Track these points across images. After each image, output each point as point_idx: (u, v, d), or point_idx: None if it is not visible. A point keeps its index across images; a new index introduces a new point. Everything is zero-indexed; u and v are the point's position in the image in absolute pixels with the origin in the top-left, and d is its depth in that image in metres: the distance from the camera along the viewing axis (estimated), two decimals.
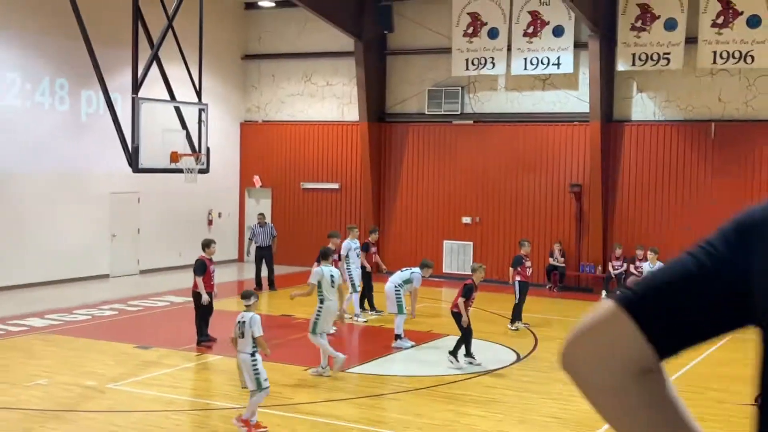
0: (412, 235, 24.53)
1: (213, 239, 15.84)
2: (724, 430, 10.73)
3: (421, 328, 16.42)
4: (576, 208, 22.53)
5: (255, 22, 26.97)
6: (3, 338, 15.25)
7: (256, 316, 10.34)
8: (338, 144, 25.87)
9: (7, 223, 20.14)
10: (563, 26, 22.11)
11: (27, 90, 20.54)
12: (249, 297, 10.67)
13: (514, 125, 23.26)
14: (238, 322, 10.20)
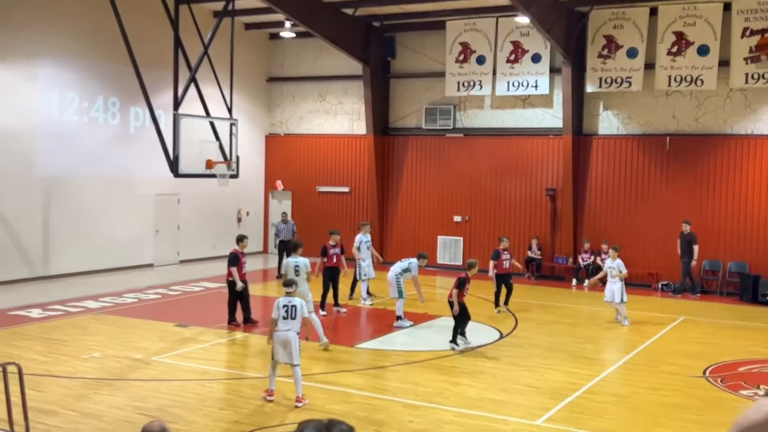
0: (411, 230, 24.50)
1: (246, 235, 15.72)
2: (677, 397, 10.72)
3: (417, 310, 16.41)
4: (551, 209, 22.48)
5: (278, 49, 26.94)
6: (64, 317, 15.23)
7: (302, 301, 10.26)
8: (348, 154, 25.84)
9: (69, 220, 20.14)
10: (540, 54, 22.06)
11: (84, 107, 20.52)
12: (291, 285, 10.50)
13: (498, 138, 23.22)
14: (283, 305, 10.01)
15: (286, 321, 9.95)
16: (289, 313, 9.97)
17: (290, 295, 10.22)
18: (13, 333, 13.74)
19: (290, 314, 9.96)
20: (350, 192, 25.74)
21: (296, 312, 9.98)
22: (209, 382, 10.99)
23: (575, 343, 14.11)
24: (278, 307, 10.05)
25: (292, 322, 9.97)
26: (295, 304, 10.05)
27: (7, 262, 18.62)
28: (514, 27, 22.20)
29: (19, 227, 18.89)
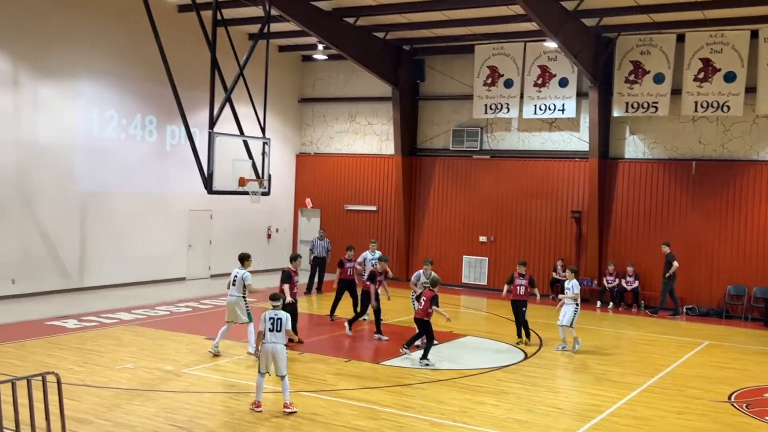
0: (437, 250, 24.48)
1: (299, 254, 15.54)
2: (702, 422, 10.58)
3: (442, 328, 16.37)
4: (576, 231, 22.37)
5: (310, 71, 27.21)
6: (98, 328, 15.41)
7: (288, 315, 10.37)
8: (376, 173, 25.96)
9: (106, 233, 20.42)
10: (568, 78, 22.07)
11: (123, 124, 20.86)
12: (278, 299, 10.61)
13: (524, 160, 23.20)
14: (269, 318, 10.15)
15: (273, 333, 10.12)
16: (275, 326, 10.13)
17: (276, 308, 10.35)
18: (49, 342, 13.93)
19: (276, 327, 10.13)
20: (377, 211, 25.82)
21: (281, 325, 10.13)
22: (237, 395, 11.05)
23: (600, 365, 13.99)
24: (264, 320, 10.21)
25: (278, 335, 10.13)
26: (281, 317, 10.17)
27: (46, 273, 18.92)
28: (542, 51, 22.25)
29: (58, 240, 19.20)
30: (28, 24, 18.11)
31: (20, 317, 16.09)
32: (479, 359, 14.14)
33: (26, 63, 18.18)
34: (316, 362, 13.30)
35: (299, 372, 12.53)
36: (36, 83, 18.48)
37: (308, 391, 10.80)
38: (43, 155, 18.71)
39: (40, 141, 18.61)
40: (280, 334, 10.16)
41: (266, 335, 10.15)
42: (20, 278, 18.29)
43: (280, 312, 10.29)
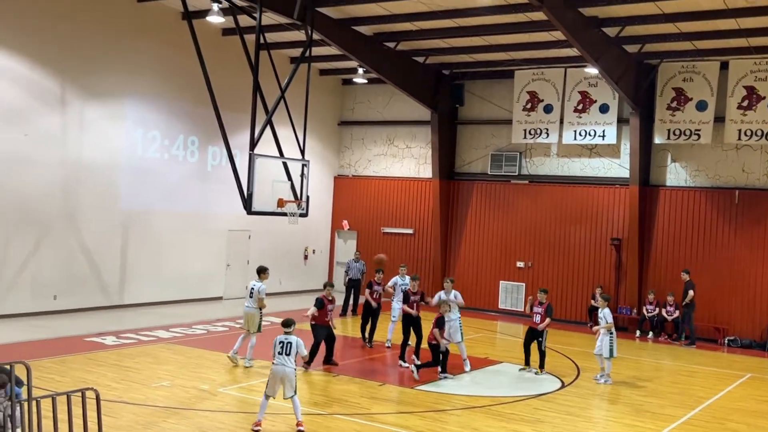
0: (473, 275, 24.38)
1: (331, 283, 15.51)
2: None
3: (478, 354, 16.27)
4: (615, 258, 22.11)
5: (350, 94, 27.47)
6: (136, 346, 15.61)
7: (300, 340, 10.64)
8: (414, 196, 26.00)
9: (146, 252, 20.72)
10: (609, 104, 21.94)
11: (165, 145, 21.23)
12: (290, 325, 10.82)
13: (563, 186, 23.06)
14: (279, 342, 10.48)
15: (281, 356, 10.40)
16: (284, 349, 10.42)
17: (289, 334, 10.60)
18: (88, 358, 14.13)
19: (285, 350, 10.42)
20: (414, 234, 25.83)
21: (291, 348, 10.44)
22: (271, 416, 11.07)
23: (638, 395, 13.74)
24: (275, 344, 10.53)
25: (287, 358, 10.40)
26: (291, 341, 10.49)
27: (87, 290, 19.24)
28: (582, 77, 22.17)
29: (100, 257, 19.54)
30: (75, 45, 18.59)
31: (61, 333, 16.36)
32: (515, 386, 13.99)
33: (73, 84, 18.65)
34: (351, 385, 13.29)
35: (334, 394, 12.54)
36: (82, 104, 18.93)
37: (343, 414, 10.77)
38: (88, 174, 19.11)
39: (85, 160, 19.03)
40: (289, 357, 10.42)
41: (275, 358, 10.42)
42: (62, 294, 18.63)
43: (290, 336, 10.56)
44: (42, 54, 17.82)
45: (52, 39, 18.02)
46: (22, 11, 17.31)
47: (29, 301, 17.97)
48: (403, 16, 18.88)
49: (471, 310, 23.58)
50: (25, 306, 17.82)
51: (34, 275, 17.99)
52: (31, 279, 17.95)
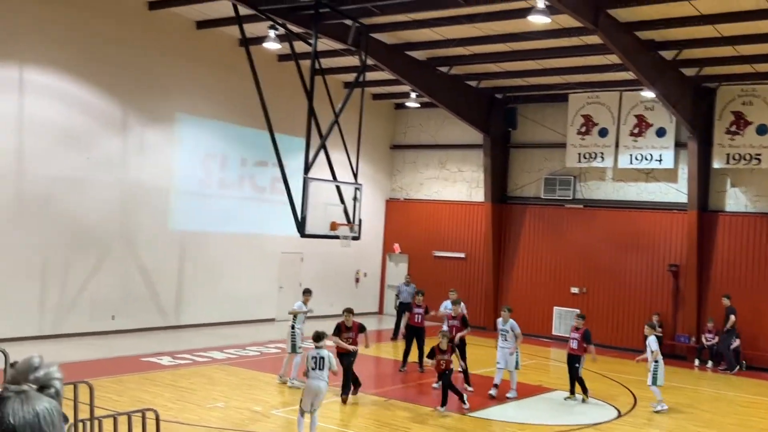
0: (526, 300, 24.12)
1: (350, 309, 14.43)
2: None
3: (531, 381, 16.07)
4: (673, 285, 21.65)
5: (402, 119, 27.64)
6: (191, 366, 15.84)
7: (331, 354, 10.96)
8: (466, 220, 25.93)
9: (201, 273, 21.07)
10: (665, 128, 21.63)
11: (221, 167, 21.59)
12: (321, 339, 11.04)
13: (619, 211, 22.73)
14: (312, 357, 10.72)
15: (315, 371, 10.65)
16: (317, 364, 10.67)
17: (320, 348, 10.87)
18: (144, 378, 14.39)
19: (318, 365, 10.67)
20: (466, 258, 25.72)
21: (324, 363, 10.66)
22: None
23: (696, 426, 13.39)
24: (309, 358, 10.80)
25: (321, 373, 10.65)
26: (324, 356, 10.73)
27: (144, 310, 19.63)
28: (638, 101, 21.92)
29: (156, 278, 19.95)
30: (137, 71, 19.14)
31: (118, 353, 16.71)
32: (568, 414, 13.77)
33: (134, 108, 19.18)
34: (402, 410, 13.25)
35: (383, 419, 12.52)
36: (142, 128, 19.45)
37: None
38: (146, 196, 19.58)
39: (144, 182, 19.51)
40: (323, 372, 10.64)
41: (309, 373, 10.65)
42: (120, 315, 19.04)
43: (322, 351, 10.83)
44: (105, 80, 18.40)
45: (115, 65, 18.59)
46: (87, 38, 17.92)
47: (88, 320, 18.41)
48: (457, 41, 18.98)
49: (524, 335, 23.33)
50: (84, 326, 18.26)
51: (93, 295, 18.45)
52: (91, 299, 18.41)
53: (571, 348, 14.79)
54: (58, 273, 17.76)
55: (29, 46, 16.79)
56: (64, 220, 17.76)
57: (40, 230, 17.28)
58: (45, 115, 17.22)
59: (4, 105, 16.46)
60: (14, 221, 16.79)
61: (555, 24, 16.62)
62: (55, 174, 17.50)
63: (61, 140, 17.57)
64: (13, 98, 16.65)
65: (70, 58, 17.63)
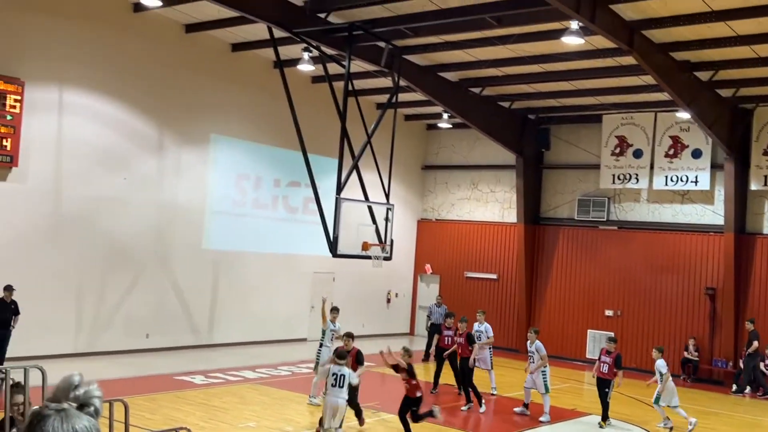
0: (560, 322, 23.89)
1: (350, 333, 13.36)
2: None
3: (565, 405, 15.86)
4: (710, 309, 21.29)
5: (434, 139, 27.68)
6: (223, 385, 15.91)
7: (351, 371, 11.11)
8: (498, 241, 25.81)
9: (234, 292, 21.21)
10: (701, 149, 21.38)
11: (254, 187, 21.80)
12: (344, 357, 11.16)
13: (654, 233, 22.47)
14: (334, 374, 10.82)
15: (334, 388, 10.76)
16: (337, 382, 10.78)
17: (341, 365, 11.00)
18: (177, 397, 14.49)
19: (338, 383, 10.78)
20: (498, 279, 25.57)
21: (344, 381, 10.78)
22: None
23: None
24: (329, 374, 10.93)
25: (341, 390, 10.77)
26: (344, 373, 10.84)
27: (178, 329, 19.80)
28: (673, 122, 21.72)
29: (190, 297, 20.13)
30: (173, 92, 19.46)
31: (152, 371, 16.85)
32: None
33: (170, 129, 19.48)
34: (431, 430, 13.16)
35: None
36: (178, 148, 19.73)
37: None
38: (180, 216, 19.82)
39: (179, 202, 19.76)
40: (342, 389, 10.71)
41: (328, 389, 10.73)
42: (153, 333, 19.23)
43: (344, 368, 10.86)
44: (142, 101, 18.73)
45: (152, 87, 18.92)
46: (125, 61, 18.28)
47: (123, 338, 18.62)
48: (489, 62, 19.02)
49: (557, 359, 23.07)
50: (118, 343, 18.47)
51: (128, 314, 18.66)
52: (125, 317, 18.62)
53: (601, 372, 14.48)
54: (94, 291, 18.02)
55: (68, 68, 17.18)
56: (101, 239, 18.03)
57: (77, 249, 17.57)
58: (83, 135, 17.56)
59: (44, 126, 16.83)
60: (52, 240, 17.10)
61: (589, 45, 16.60)
62: (93, 194, 17.81)
63: (98, 161, 17.90)
64: (52, 120, 17.02)
65: (108, 80, 17.99)
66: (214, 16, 18.14)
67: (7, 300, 15.22)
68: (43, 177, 16.90)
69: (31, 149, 16.54)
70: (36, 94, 16.57)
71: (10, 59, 16.13)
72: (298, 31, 16.58)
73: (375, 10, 16.31)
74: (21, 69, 16.27)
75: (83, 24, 17.39)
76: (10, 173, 16.25)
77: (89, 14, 17.47)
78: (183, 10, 17.96)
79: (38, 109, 16.66)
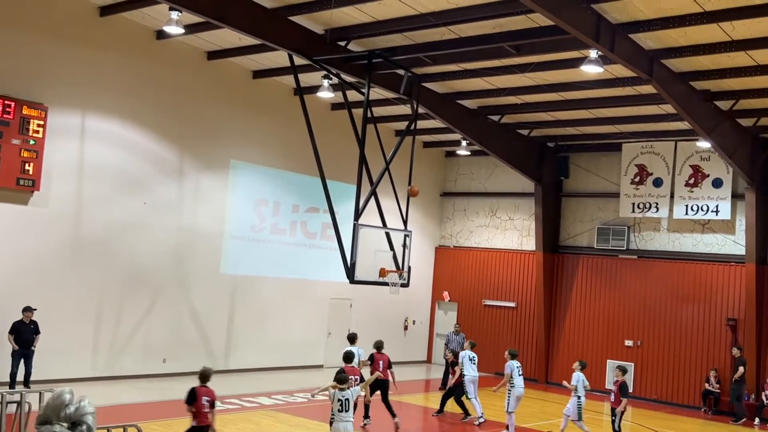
0: (579, 352, 23.60)
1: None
2: None
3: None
4: (731, 340, 20.98)
5: (453, 166, 27.69)
6: (239, 411, 15.85)
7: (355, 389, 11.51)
8: (516, 269, 25.66)
9: (251, 318, 21.20)
10: (722, 179, 21.22)
11: (272, 213, 21.89)
12: (344, 381, 11.32)
13: (674, 262, 22.24)
14: (339, 400, 11.02)
15: (341, 413, 11.02)
16: (343, 407, 11.01)
17: (345, 389, 11.15)
18: None
19: (344, 407, 11.01)
20: (516, 307, 25.39)
21: (349, 405, 11.06)
22: None
23: None
24: (334, 401, 11.13)
25: (347, 414, 11.03)
26: (348, 397, 11.08)
27: (194, 354, 19.78)
28: (693, 151, 21.60)
29: (207, 322, 20.15)
30: (194, 119, 19.66)
31: (168, 396, 16.81)
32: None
33: (191, 155, 19.66)
34: None
35: None
36: (198, 174, 19.88)
37: None
38: (199, 241, 19.91)
39: (198, 227, 19.86)
40: (348, 413, 11.05)
41: (335, 416, 11.07)
42: (170, 358, 19.23)
43: (347, 392, 11.14)
44: (163, 127, 18.93)
45: (173, 112, 19.14)
46: (147, 87, 18.51)
47: (140, 363, 18.64)
48: (508, 90, 19.06)
49: None
50: (136, 368, 18.49)
51: (145, 338, 18.70)
52: (143, 342, 18.66)
53: (612, 401, 15.08)
54: (112, 315, 18.10)
55: (91, 94, 17.42)
56: (120, 262, 18.14)
57: (97, 273, 17.68)
58: (104, 160, 17.76)
59: (66, 151, 17.04)
60: (71, 263, 17.22)
61: (608, 74, 16.60)
62: (113, 218, 17.96)
63: (119, 185, 18.07)
64: (74, 144, 17.24)
65: (130, 105, 18.21)
66: (236, 44, 18.36)
67: (27, 321, 15.58)
68: (65, 201, 17.08)
69: (53, 174, 16.74)
70: (59, 120, 16.80)
71: (33, 84, 16.40)
72: (318, 58, 16.74)
73: (394, 38, 16.45)
74: (44, 94, 16.53)
75: (106, 51, 17.66)
76: (32, 197, 16.44)
77: (112, 41, 17.74)
78: (205, 37, 18.20)
79: (61, 134, 16.88)
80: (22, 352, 15.39)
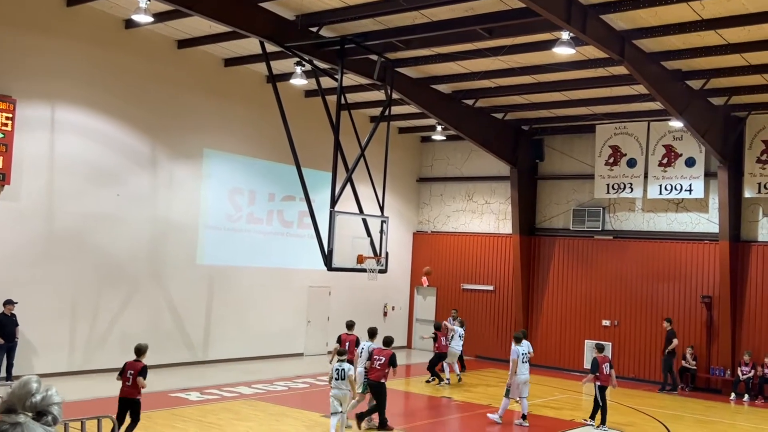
0: (557, 333, 23.81)
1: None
2: None
3: (563, 416, 15.75)
4: (707, 317, 21.24)
5: (428, 151, 27.67)
6: (219, 402, 15.77)
7: (350, 365, 12.85)
8: (494, 253, 25.75)
9: (229, 308, 21.09)
10: (695, 158, 21.39)
11: (248, 202, 21.76)
12: (344, 354, 12.96)
13: (649, 242, 22.43)
14: (335, 369, 12.50)
15: (338, 381, 12.45)
16: (339, 375, 12.47)
17: (342, 361, 12.69)
18: (172, 414, 14.35)
19: (340, 376, 12.47)
20: (494, 291, 25.49)
21: (344, 374, 12.45)
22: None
23: None
24: (332, 370, 12.58)
25: (342, 382, 12.44)
26: (344, 368, 12.51)
27: (172, 345, 19.66)
28: (666, 131, 21.75)
29: (185, 313, 20.00)
30: (165, 107, 19.42)
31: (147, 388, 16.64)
32: None
33: (163, 144, 19.43)
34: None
35: None
36: (171, 164, 19.67)
37: None
38: (174, 232, 19.73)
39: (173, 218, 19.67)
40: (343, 381, 12.40)
41: (332, 382, 12.47)
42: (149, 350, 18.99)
43: (344, 364, 12.58)
44: (134, 117, 18.69)
45: (144, 102, 18.89)
46: (117, 77, 18.25)
47: (118, 355, 18.37)
48: (481, 74, 19.02)
49: (555, 369, 22.99)
50: (114, 361, 18.19)
51: (122, 330, 18.52)
52: (120, 334, 18.48)
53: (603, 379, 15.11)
54: (88, 309, 17.90)
55: (60, 85, 17.14)
56: (94, 256, 17.94)
57: (71, 266, 17.47)
58: (75, 152, 17.51)
59: (36, 144, 16.77)
60: (45, 257, 16.99)
61: (580, 55, 16.62)
62: (86, 210, 17.73)
63: (91, 177, 17.83)
64: (44, 137, 16.97)
65: (101, 96, 17.95)
66: (206, 32, 18.14)
67: (8, 314, 15.77)
68: (36, 194, 16.82)
69: (24, 167, 16.47)
70: (28, 112, 16.52)
71: (1, 77, 16.09)
72: (290, 45, 16.58)
73: (366, 23, 16.32)
74: (12, 86, 16.23)
75: (75, 41, 17.37)
76: (2, 191, 16.18)
77: (81, 31, 17.45)
78: (175, 26, 17.96)
79: (30, 126, 16.61)
80: (6, 344, 15.56)
